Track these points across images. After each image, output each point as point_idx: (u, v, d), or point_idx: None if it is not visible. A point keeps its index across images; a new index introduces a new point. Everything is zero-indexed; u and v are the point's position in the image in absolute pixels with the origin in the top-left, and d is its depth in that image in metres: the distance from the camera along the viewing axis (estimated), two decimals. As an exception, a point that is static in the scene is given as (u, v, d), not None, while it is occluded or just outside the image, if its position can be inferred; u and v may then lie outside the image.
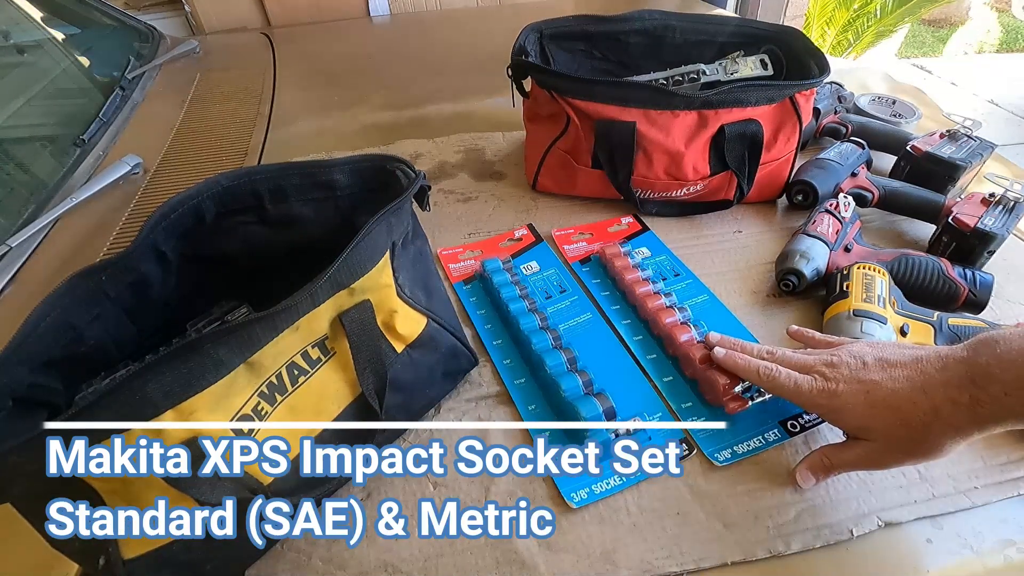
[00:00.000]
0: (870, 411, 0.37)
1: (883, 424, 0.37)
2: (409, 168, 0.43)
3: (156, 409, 0.30)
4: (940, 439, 0.35)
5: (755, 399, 0.46)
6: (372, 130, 0.93)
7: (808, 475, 0.41)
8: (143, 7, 1.38)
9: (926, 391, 0.36)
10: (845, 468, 0.41)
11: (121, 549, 0.32)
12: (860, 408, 0.38)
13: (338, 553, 0.40)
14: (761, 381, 0.43)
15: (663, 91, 0.62)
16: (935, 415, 0.35)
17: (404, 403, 0.44)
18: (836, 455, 0.41)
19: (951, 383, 0.35)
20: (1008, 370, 0.33)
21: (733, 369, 0.45)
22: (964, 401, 0.34)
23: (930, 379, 0.36)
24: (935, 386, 0.36)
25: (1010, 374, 0.33)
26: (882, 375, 0.38)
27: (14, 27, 0.99)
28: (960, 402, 0.34)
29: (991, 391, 0.33)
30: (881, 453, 0.38)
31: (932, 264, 0.56)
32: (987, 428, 0.34)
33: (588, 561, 0.39)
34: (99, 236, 0.69)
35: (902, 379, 0.37)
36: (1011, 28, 3.87)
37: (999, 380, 0.33)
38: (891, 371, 0.38)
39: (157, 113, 0.98)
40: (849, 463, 0.40)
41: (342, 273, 0.36)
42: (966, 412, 0.34)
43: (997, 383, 0.33)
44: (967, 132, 0.71)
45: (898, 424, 0.36)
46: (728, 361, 0.45)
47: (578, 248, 0.66)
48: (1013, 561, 0.39)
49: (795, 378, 0.41)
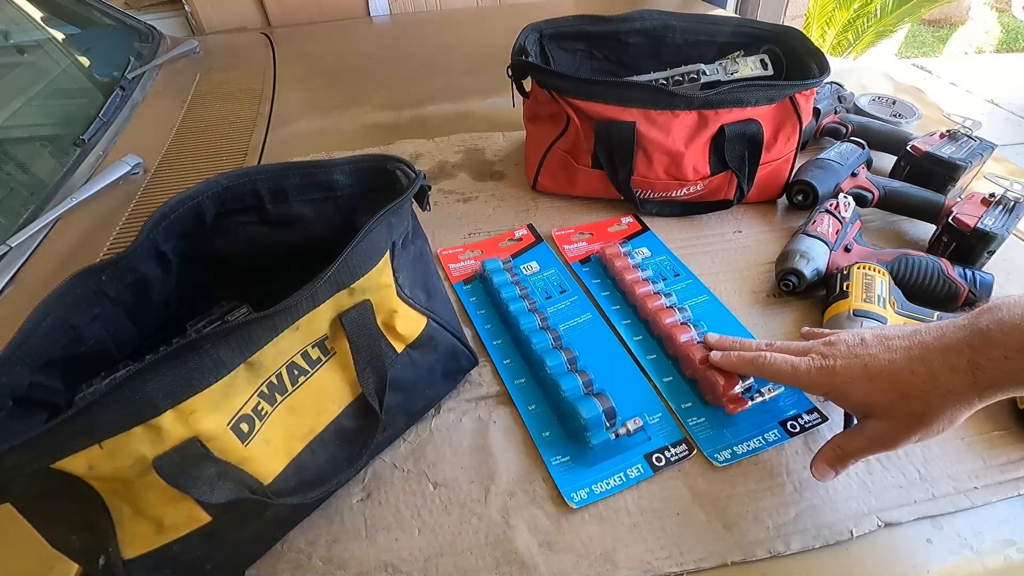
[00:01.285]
0: (869, 385, 0.37)
1: (885, 399, 0.36)
2: (409, 168, 0.43)
3: (156, 409, 0.30)
4: (941, 408, 0.35)
5: (755, 399, 0.46)
6: (372, 130, 0.93)
7: (825, 468, 0.40)
8: (143, 7, 1.38)
9: (924, 360, 0.35)
10: (859, 454, 0.39)
11: (121, 549, 0.32)
12: (859, 383, 0.37)
13: (338, 553, 0.40)
14: (759, 371, 0.43)
15: (663, 91, 0.62)
16: (933, 383, 0.35)
17: (404, 403, 0.44)
18: (847, 443, 0.40)
19: (949, 349, 0.35)
20: (1010, 334, 0.32)
21: (731, 368, 0.45)
22: (962, 366, 0.34)
23: (927, 348, 0.36)
24: (932, 354, 0.35)
25: (1012, 338, 0.32)
26: (879, 349, 0.38)
27: (14, 27, 0.99)
28: (958, 367, 0.34)
29: (991, 355, 0.33)
30: (889, 431, 0.37)
31: (932, 264, 0.56)
32: (987, 394, 0.34)
33: (588, 561, 0.39)
34: (99, 236, 0.69)
35: (899, 351, 0.37)
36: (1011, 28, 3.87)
37: (1000, 344, 0.33)
38: (888, 344, 0.38)
39: (157, 113, 0.98)
40: (862, 448, 0.39)
41: (342, 273, 0.36)
42: (964, 377, 0.34)
43: (998, 347, 0.33)
44: (967, 132, 0.71)
45: (899, 397, 0.36)
46: (725, 362, 0.45)
47: (578, 248, 0.66)
48: (1013, 561, 0.39)
49: (791, 361, 0.41)
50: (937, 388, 0.35)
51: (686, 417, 0.47)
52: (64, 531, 0.33)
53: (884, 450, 0.39)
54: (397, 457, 0.46)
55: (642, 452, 0.45)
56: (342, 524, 0.41)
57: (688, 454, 0.45)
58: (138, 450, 0.30)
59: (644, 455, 0.44)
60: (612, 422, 0.44)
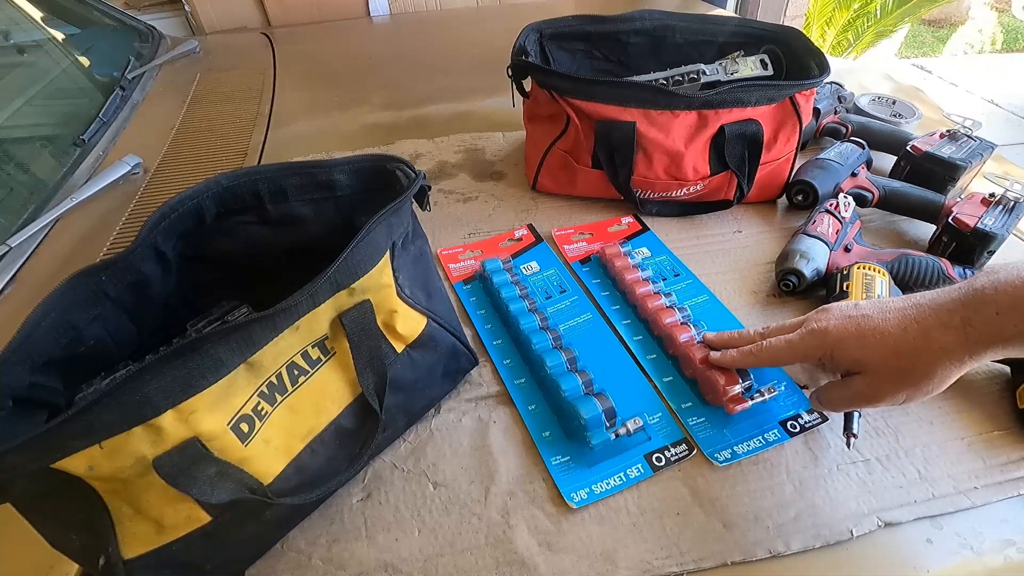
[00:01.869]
0: (860, 342, 0.37)
1: (875, 355, 0.37)
2: (409, 168, 0.43)
3: (156, 409, 0.30)
4: (932, 365, 0.35)
5: (755, 399, 0.46)
6: (372, 130, 0.93)
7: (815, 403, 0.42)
8: (143, 7, 1.38)
9: (917, 320, 0.36)
10: (840, 405, 0.41)
11: (121, 549, 0.32)
12: (851, 341, 0.38)
13: (338, 553, 0.40)
14: (759, 360, 0.43)
15: (663, 91, 0.62)
16: (925, 339, 0.35)
17: (404, 403, 0.44)
18: (829, 392, 0.41)
19: (942, 307, 0.36)
20: (1004, 292, 0.33)
21: (731, 364, 0.45)
22: (954, 323, 0.34)
23: (921, 309, 0.37)
24: (925, 313, 0.36)
25: (1005, 296, 0.33)
26: (873, 311, 0.38)
27: (14, 27, 0.99)
28: (950, 324, 0.35)
29: (983, 312, 0.34)
30: (875, 385, 0.37)
31: (932, 264, 0.55)
32: (978, 352, 0.34)
33: (588, 561, 0.39)
34: (99, 236, 0.69)
35: (894, 311, 0.38)
36: (1011, 28, 3.87)
37: (992, 302, 0.34)
38: (883, 306, 0.38)
39: (157, 113, 0.98)
40: (844, 399, 0.40)
41: (342, 273, 0.36)
42: (955, 333, 0.34)
43: (990, 304, 0.34)
44: (967, 132, 0.71)
45: (890, 353, 0.36)
46: (726, 360, 0.45)
47: (578, 248, 0.66)
48: (1013, 561, 0.39)
49: (786, 338, 0.41)
50: (928, 345, 0.35)
51: (686, 417, 0.47)
52: (64, 531, 0.33)
53: (866, 404, 0.39)
54: (397, 457, 0.46)
55: (642, 452, 0.45)
56: (342, 524, 0.41)
57: (688, 454, 0.45)
58: (138, 450, 0.30)
59: (644, 455, 0.44)
60: (612, 422, 0.44)
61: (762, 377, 0.48)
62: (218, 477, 0.32)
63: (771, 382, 0.47)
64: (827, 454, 0.44)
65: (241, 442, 0.34)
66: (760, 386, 0.47)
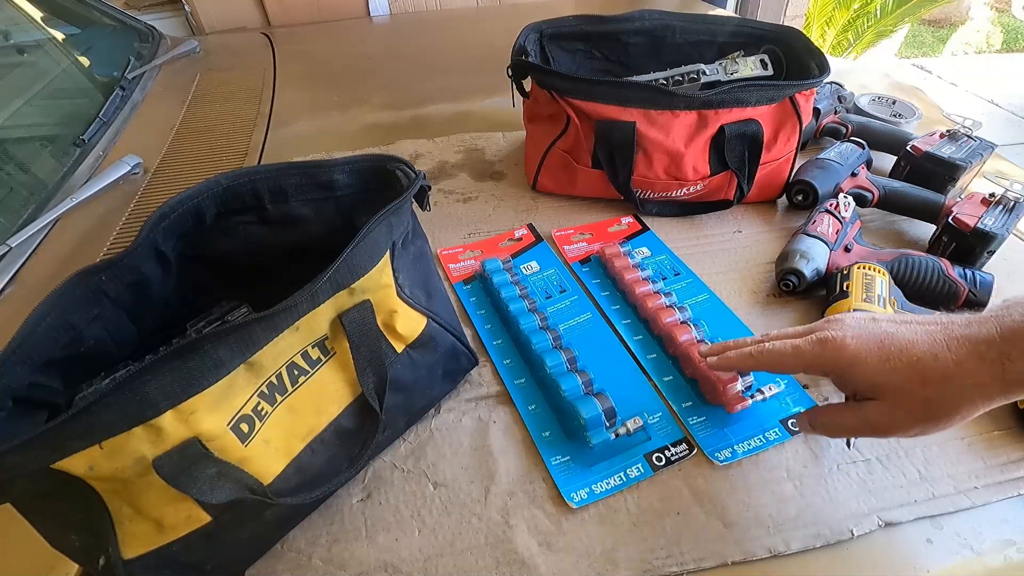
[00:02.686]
0: (885, 364, 0.34)
1: (899, 379, 0.33)
2: (409, 168, 0.43)
3: (156, 409, 0.30)
4: (959, 399, 0.32)
5: (755, 397, 0.46)
6: (372, 130, 0.93)
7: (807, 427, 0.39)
8: (143, 7, 1.38)
9: (949, 346, 0.33)
10: (848, 433, 0.37)
11: (121, 549, 0.32)
12: (873, 360, 0.34)
13: (338, 553, 0.40)
14: (758, 362, 0.39)
15: (663, 91, 0.62)
16: (958, 370, 0.32)
17: (404, 403, 0.44)
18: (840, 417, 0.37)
19: (979, 338, 0.32)
20: None
21: (729, 367, 0.42)
22: (992, 357, 0.31)
23: (953, 334, 0.33)
24: (960, 342, 0.32)
25: None
26: (896, 328, 0.35)
27: (14, 27, 0.99)
28: (987, 357, 0.31)
29: (1021, 347, 0.31)
30: (892, 415, 0.34)
31: (932, 264, 0.55)
32: (1011, 390, 0.31)
33: (588, 561, 0.39)
34: (99, 236, 0.69)
35: (921, 331, 0.34)
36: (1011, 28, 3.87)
37: None
38: (906, 324, 0.35)
39: (157, 113, 0.98)
40: (854, 428, 0.37)
41: (342, 273, 0.36)
42: (992, 368, 0.31)
43: None
44: (967, 132, 0.71)
45: (916, 380, 0.33)
46: (723, 363, 0.42)
47: (578, 248, 0.66)
48: (1013, 561, 0.39)
49: (792, 342, 0.38)
50: (961, 376, 0.32)
51: (686, 416, 0.47)
52: (64, 531, 0.33)
53: (876, 435, 0.36)
54: (397, 457, 0.46)
55: (642, 452, 0.45)
56: (342, 524, 0.41)
57: (688, 453, 0.45)
58: (138, 450, 0.30)
59: (644, 455, 0.44)
60: (612, 422, 0.44)
61: (763, 376, 0.48)
62: (218, 477, 0.32)
63: (772, 380, 0.47)
64: (827, 453, 0.44)
65: (241, 442, 0.34)
66: (761, 384, 0.47)
